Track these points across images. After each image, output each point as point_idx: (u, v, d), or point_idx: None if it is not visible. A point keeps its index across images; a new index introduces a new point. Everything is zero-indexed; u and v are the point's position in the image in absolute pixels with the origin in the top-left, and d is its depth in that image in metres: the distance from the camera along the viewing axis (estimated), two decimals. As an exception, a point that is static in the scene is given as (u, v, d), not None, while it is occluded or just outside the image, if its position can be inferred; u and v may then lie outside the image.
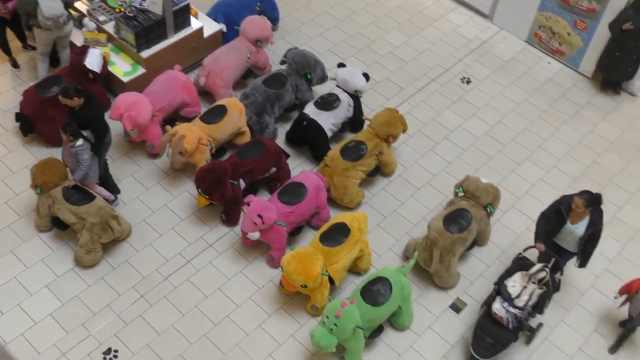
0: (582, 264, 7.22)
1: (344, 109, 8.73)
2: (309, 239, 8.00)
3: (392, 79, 10.00)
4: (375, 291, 6.87)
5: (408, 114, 9.45)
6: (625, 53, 9.44)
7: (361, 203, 8.44)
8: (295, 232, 7.98)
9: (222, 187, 7.66)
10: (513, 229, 8.36)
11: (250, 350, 7.16)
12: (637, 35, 9.23)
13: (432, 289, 7.74)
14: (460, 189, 7.74)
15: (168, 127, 8.10)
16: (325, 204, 8.02)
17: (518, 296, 6.77)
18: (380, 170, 8.62)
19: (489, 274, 7.90)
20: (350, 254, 7.35)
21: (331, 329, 6.52)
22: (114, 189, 8.17)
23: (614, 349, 7.38)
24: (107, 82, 9.15)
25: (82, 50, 8.59)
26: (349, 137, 8.62)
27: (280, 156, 8.20)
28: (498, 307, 6.82)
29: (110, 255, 7.78)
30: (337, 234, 7.31)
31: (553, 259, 7.00)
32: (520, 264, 7.10)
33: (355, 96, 8.84)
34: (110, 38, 9.18)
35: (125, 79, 8.93)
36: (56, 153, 8.50)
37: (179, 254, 7.87)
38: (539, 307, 6.87)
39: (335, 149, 8.25)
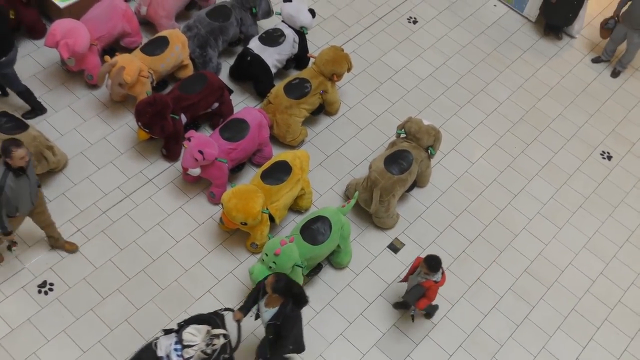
0: (271, 356, 6.12)
1: (289, 45, 8.60)
2: (251, 176, 7.97)
3: (338, 16, 9.86)
4: (315, 230, 6.93)
5: (354, 53, 9.38)
6: (565, -2, 9.57)
7: (304, 141, 8.42)
8: (236, 169, 7.94)
9: (163, 120, 7.51)
10: (453, 171, 8.50)
11: (189, 286, 7.18)
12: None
13: (372, 229, 7.86)
14: (403, 130, 7.79)
15: (107, 57, 7.84)
16: (268, 142, 7.97)
17: (188, 346, 5.93)
18: (324, 109, 8.58)
19: (427, 216, 8.06)
20: (291, 192, 7.37)
21: (270, 267, 6.59)
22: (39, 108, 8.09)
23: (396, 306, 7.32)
24: (43, 7, 8.74)
25: (15, -28, 8.17)
26: (293, 74, 8.52)
27: (223, 91, 8.06)
28: (164, 342, 6.00)
29: (47, 187, 7.59)
30: (278, 172, 7.30)
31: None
32: (214, 317, 6.15)
33: (301, 32, 8.70)
34: (45, -40, 8.74)
35: (61, 4, 8.53)
36: (-12, 80, 8.21)
37: (118, 188, 7.74)
38: None
39: (279, 86, 8.15)
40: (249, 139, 7.61)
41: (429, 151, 7.75)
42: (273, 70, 8.54)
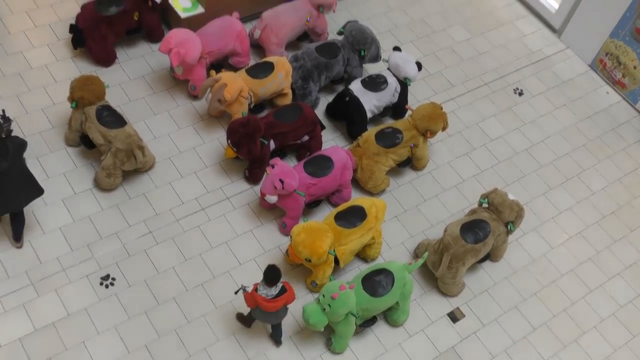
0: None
1: (390, 94, 8.61)
2: (325, 214, 7.94)
3: (444, 74, 9.81)
4: (376, 282, 6.83)
5: (452, 113, 9.29)
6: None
7: (385, 191, 8.36)
8: (313, 205, 7.95)
9: (252, 143, 7.63)
10: (529, 252, 8.22)
11: (242, 308, 7.18)
12: None
13: (434, 293, 7.67)
14: (486, 200, 7.61)
15: (213, 72, 8.07)
16: (349, 184, 7.96)
17: None
18: (411, 163, 8.51)
19: (494, 291, 7.81)
20: (361, 238, 7.31)
21: (324, 309, 6.51)
22: None
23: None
24: (164, 14, 9.12)
25: (147, -22, 8.56)
26: (388, 122, 8.51)
27: (315, 126, 8.13)
28: None
29: (129, 185, 7.83)
30: (352, 216, 7.26)
31: None
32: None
33: (404, 83, 8.69)
34: (177, -29, 9.12)
35: (182, 15, 8.86)
36: (100, 72, 8.57)
37: (196, 199, 7.89)
38: None
39: (370, 132, 8.15)
40: (330, 177, 7.62)
41: (509, 226, 7.53)
42: (369, 115, 8.56)
